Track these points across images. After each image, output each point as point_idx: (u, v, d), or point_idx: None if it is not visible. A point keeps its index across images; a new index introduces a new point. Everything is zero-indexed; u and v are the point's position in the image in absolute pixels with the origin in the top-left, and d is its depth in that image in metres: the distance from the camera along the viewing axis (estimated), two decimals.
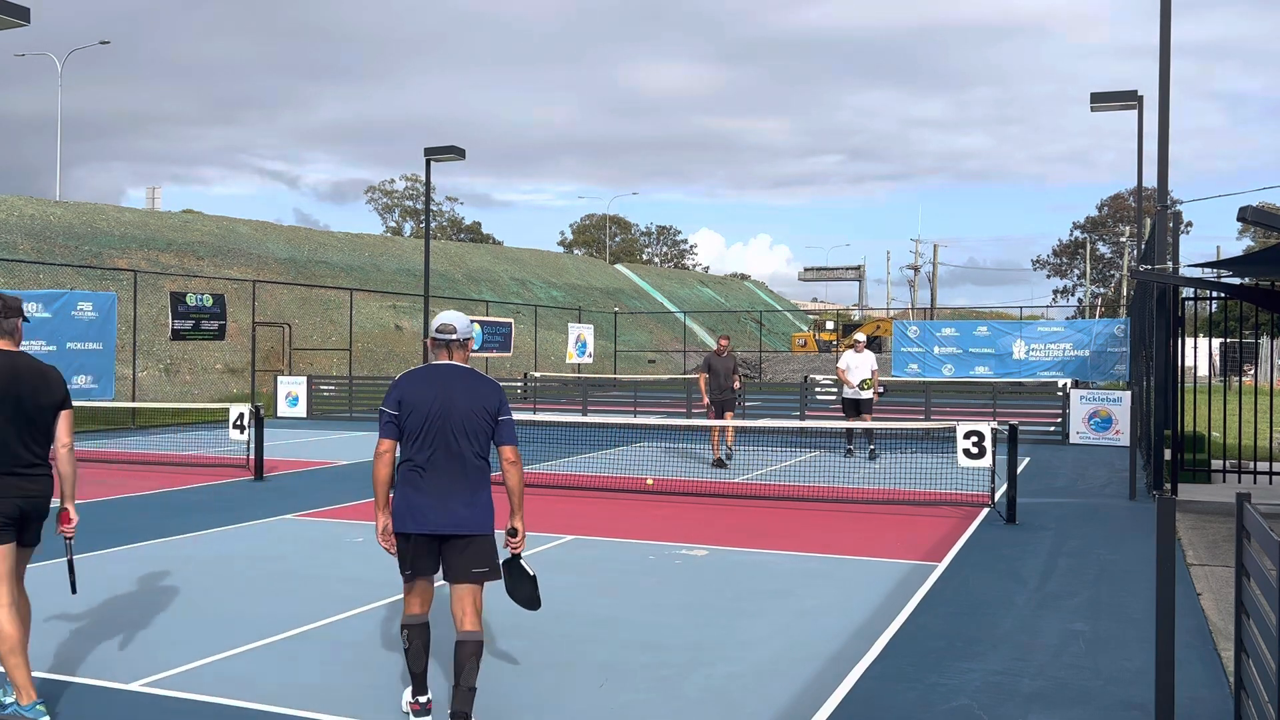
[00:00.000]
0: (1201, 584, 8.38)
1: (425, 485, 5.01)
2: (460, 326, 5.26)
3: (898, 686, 5.82)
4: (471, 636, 5.00)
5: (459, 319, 5.29)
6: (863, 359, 17.09)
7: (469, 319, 5.38)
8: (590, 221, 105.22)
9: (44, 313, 20.52)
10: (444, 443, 5.01)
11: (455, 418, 5.03)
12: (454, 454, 5.02)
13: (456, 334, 5.23)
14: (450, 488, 5.02)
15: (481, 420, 5.08)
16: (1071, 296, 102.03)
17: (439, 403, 5.04)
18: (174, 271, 35.48)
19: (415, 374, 5.16)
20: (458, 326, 5.25)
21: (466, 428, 5.04)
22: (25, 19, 15.26)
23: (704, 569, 8.80)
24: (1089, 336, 28.10)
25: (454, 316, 5.29)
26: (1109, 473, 16.01)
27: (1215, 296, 14.24)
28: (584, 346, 38.62)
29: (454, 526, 5.01)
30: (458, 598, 5.08)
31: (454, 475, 5.02)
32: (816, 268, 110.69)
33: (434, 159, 27.75)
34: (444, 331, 5.23)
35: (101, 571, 8.58)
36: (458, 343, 5.24)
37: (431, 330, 5.27)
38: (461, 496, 5.03)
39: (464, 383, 5.11)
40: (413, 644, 5.12)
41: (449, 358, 5.23)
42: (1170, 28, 13.10)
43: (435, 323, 5.27)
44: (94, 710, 5.37)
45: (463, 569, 5.05)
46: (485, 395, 5.12)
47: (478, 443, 5.08)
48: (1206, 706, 5.55)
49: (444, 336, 5.22)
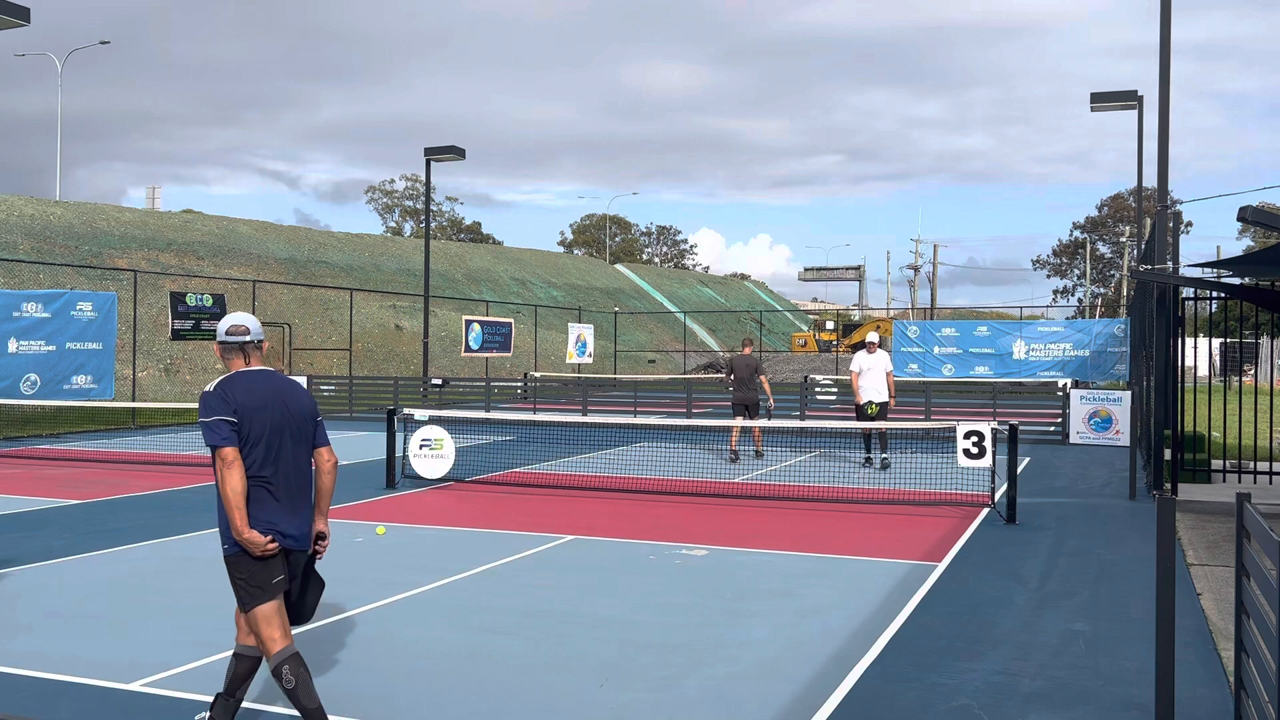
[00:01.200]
0: (1201, 584, 8.38)
1: (278, 498, 4.69)
2: (254, 327, 4.90)
3: (898, 686, 5.82)
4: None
5: (251, 320, 4.93)
6: (877, 360, 15.79)
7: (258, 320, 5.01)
8: (590, 221, 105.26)
9: (44, 313, 20.52)
10: (285, 453, 4.72)
11: (291, 425, 4.76)
12: (294, 463, 4.76)
13: (250, 335, 4.85)
14: (290, 502, 4.74)
15: (308, 426, 4.86)
16: (1071, 296, 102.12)
17: (275, 410, 4.72)
18: (174, 271, 35.49)
19: (233, 383, 4.71)
20: (251, 328, 4.87)
21: (300, 435, 4.80)
22: (25, 19, 15.27)
23: (704, 569, 8.80)
24: (1089, 336, 28.11)
25: (245, 318, 4.92)
26: (1109, 473, 16.01)
27: (1215, 296, 14.24)
28: (584, 346, 38.62)
29: (293, 542, 4.73)
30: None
31: (292, 488, 4.76)
32: (816, 268, 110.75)
33: (434, 159, 27.77)
34: (236, 333, 4.82)
35: (101, 571, 8.58)
36: (253, 345, 4.86)
37: (220, 333, 4.85)
38: (296, 510, 4.75)
39: (288, 388, 4.84)
40: (300, 676, 4.64)
41: (247, 362, 4.84)
42: (1170, 28, 13.11)
43: (224, 324, 4.86)
44: (94, 710, 5.37)
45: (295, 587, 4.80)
46: (305, 399, 4.88)
47: (305, 450, 4.85)
48: (1206, 706, 5.55)
49: (237, 339, 4.82)
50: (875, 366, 15.82)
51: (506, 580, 8.36)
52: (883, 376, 15.82)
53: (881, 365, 15.84)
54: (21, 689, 5.67)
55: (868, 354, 15.96)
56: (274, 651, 4.63)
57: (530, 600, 7.69)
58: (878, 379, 15.78)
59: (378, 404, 27.18)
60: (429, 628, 6.94)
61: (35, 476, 14.61)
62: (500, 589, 8.07)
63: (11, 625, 6.91)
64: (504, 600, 7.71)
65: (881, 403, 15.72)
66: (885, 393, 15.73)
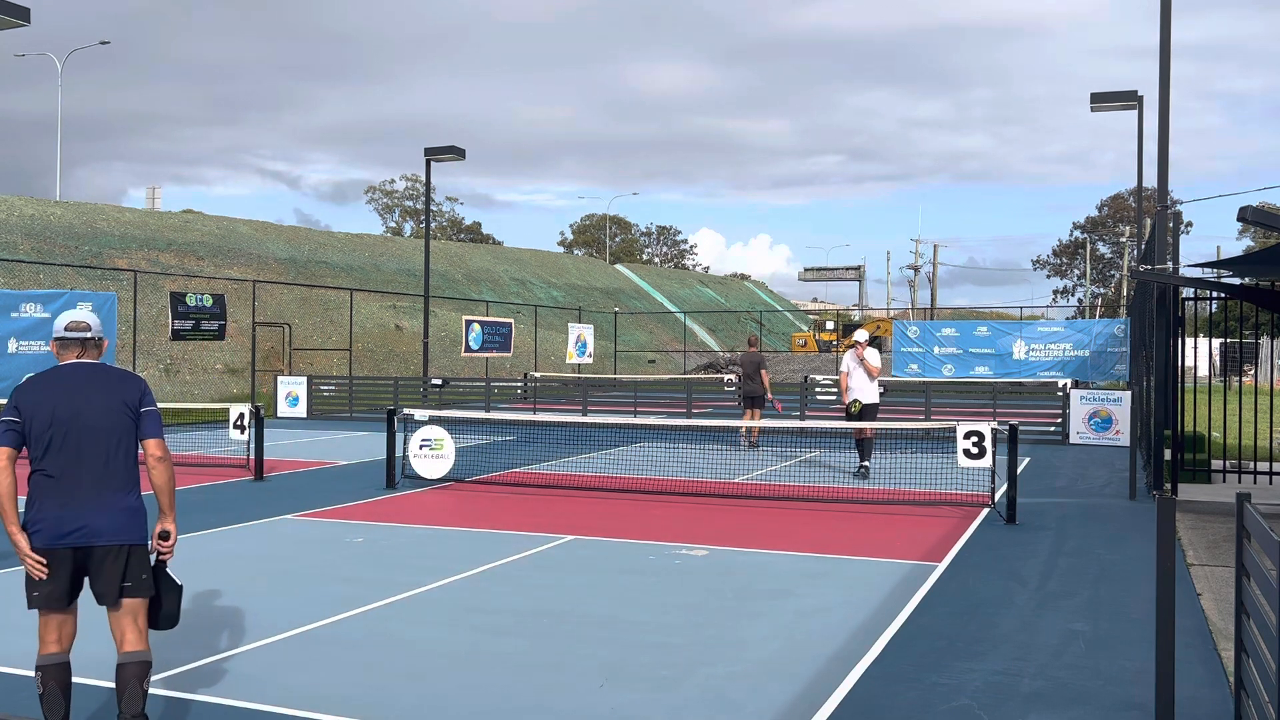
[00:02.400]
0: (1201, 584, 8.38)
1: (60, 494, 4.57)
2: (94, 324, 4.85)
3: (898, 686, 5.82)
4: (134, 658, 4.63)
5: (91, 316, 4.88)
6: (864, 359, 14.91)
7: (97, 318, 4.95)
8: (590, 221, 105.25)
9: (44, 313, 20.51)
10: (76, 446, 4.59)
11: (88, 417, 4.62)
12: (90, 457, 4.61)
13: (91, 331, 4.81)
14: (87, 495, 4.59)
15: (120, 416, 4.69)
16: (1071, 297, 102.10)
17: (66, 405, 4.62)
18: (174, 271, 35.48)
19: (36, 379, 4.74)
20: (91, 324, 4.83)
21: (103, 425, 4.64)
22: (25, 19, 15.27)
23: (704, 569, 8.80)
24: (1089, 337, 28.11)
25: (85, 314, 4.86)
26: (1109, 473, 16.01)
27: (1215, 296, 14.24)
28: (584, 346, 38.62)
29: (93, 537, 4.59)
30: (114, 619, 4.70)
31: (91, 481, 4.60)
32: (816, 268, 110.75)
33: (434, 159, 27.77)
34: (75, 329, 4.79)
35: None
36: (92, 341, 4.82)
37: (58, 329, 4.82)
38: (100, 502, 4.60)
39: (97, 380, 4.72)
40: (48, 687, 4.59)
41: (79, 357, 4.80)
42: (1170, 28, 13.10)
43: (62, 321, 4.82)
44: (95, 710, 5.37)
45: (110, 586, 4.64)
46: (122, 389, 4.74)
47: (119, 442, 4.68)
48: (1206, 706, 5.55)
49: (74, 335, 4.79)
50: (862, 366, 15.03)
51: (506, 580, 8.36)
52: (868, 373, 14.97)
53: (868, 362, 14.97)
54: (21, 689, 5.68)
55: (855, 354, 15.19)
56: (39, 653, 4.67)
57: (530, 600, 7.69)
58: (865, 378, 14.95)
59: (378, 404, 27.17)
60: (429, 628, 6.94)
61: None
62: (500, 589, 8.07)
63: (12, 625, 6.91)
64: (504, 600, 7.71)
65: (868, 404, 14.85)
66: (873, 394, 14.88)
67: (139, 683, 4.61)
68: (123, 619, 4.68)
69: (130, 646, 4.66)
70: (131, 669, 4.62)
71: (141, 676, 4.62)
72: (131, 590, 4.67)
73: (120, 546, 4.65)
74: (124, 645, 4.67)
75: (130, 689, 4.59)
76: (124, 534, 4.66)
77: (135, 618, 4.70)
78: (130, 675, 4.61)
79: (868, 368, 14.75)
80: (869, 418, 14.74)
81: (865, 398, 14.80)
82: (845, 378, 15.04)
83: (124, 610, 4.68)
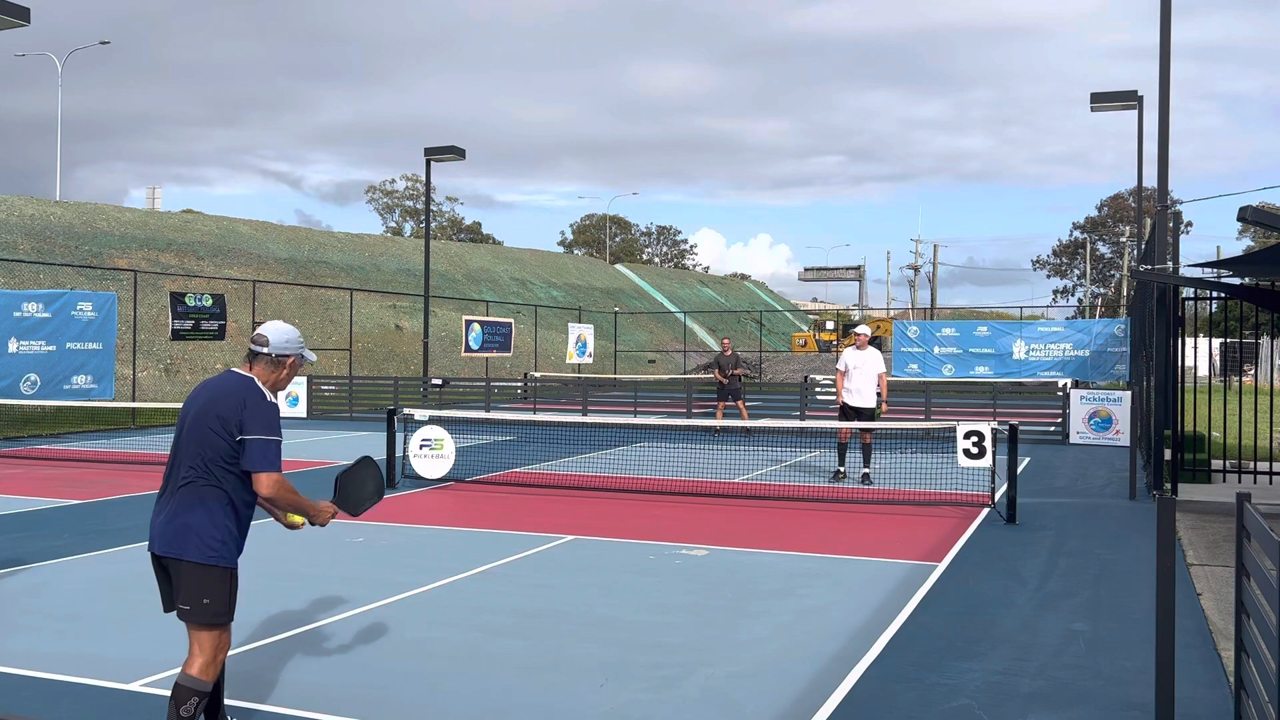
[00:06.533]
0: (1201, 584, 8.38)
1: (160, 500, 4.66)
2: (274, 340, 4.66)
3: (898, 686, 5.82)
4: (178, 679, 4.51)
5: (276, 332, 4.70)
6: (867, 358, 13.92)
7: (299, 338, 4.77)
8: (590, 221, 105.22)
9: (44, 313, 20.52)
10: (174, 455, 4.61)
11: (185, 428, 4.58)
12: (174, 466, 4.60)
13: (268, 347, 4.65)
14: (165, 503, 4.60)
15: (208, 432, 4.48)
16: (1071, 297, 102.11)
17: (189, 404, 4.64)
18: (174, 271, 35.48)
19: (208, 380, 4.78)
20: (270, 339, 4.66)
21: (190, 439, 4.54)
22: (25, 19, 15.27)
23: (704, 569, 8.80)
24: (1089, 336, 28.12)
25: (272, 328, 4.72)
26: (1109, 473, 16.01)
27: (1215, 296, 14.24)
28: (584, 346, 38.62)
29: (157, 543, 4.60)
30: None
31: (170, 490, 4.60)
32: (816, 268, 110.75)
33: (434, 159, 27.78)
34: (255, 342, 4.69)
35: (101, 571, 8.58)
36: (267, 357, 4.65)
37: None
38: (168, 512, 4.57)
39: (215, 392, 4.57)
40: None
41: (245, 368, 4.71)
42: (1170, 28, 13.10)
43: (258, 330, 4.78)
44: (94, 710, 5.37)
45: (170, 599, 4.64)
46: (225, 405, 4.48)
47: (199, 457, 4.50)
48: (1206, 706, 5.55)
49: (253, 347, 4.70)
50: (864, 365, 13.92)
51: (506, 580, 8.36)
52: (873, 379, 13.92)
53: (873, 365, 13.93)
54: (21, 689, 5.67)
55: (856, 350, 14.02)
56: None
57: (530, 600, 7.69)
58: (866, 381, 13.89)
59: (378, 404, 27.17)
60: (429, 628, 6.94)
61: (35, 476, 14.61)
62: (500, 589, 8.07)
63: (12, 625, 6.91)
64: (504, 600, 7.70)
65: (868, 407, 13.93)
66: (873, 397, 13.91)
67: (175, 705, 4.44)
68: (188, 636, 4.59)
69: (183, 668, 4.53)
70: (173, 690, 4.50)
71: (178, 699, 4.45)
72: (181, 612, 4.55)
73: (172, 560, 4.58)
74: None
75: (169, 709, 4.47)
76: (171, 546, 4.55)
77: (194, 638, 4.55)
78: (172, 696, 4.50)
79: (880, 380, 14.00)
80: (867, 419, 14.08)
81: (865, 403, 13.98)
82: (842, 377, 14.05)
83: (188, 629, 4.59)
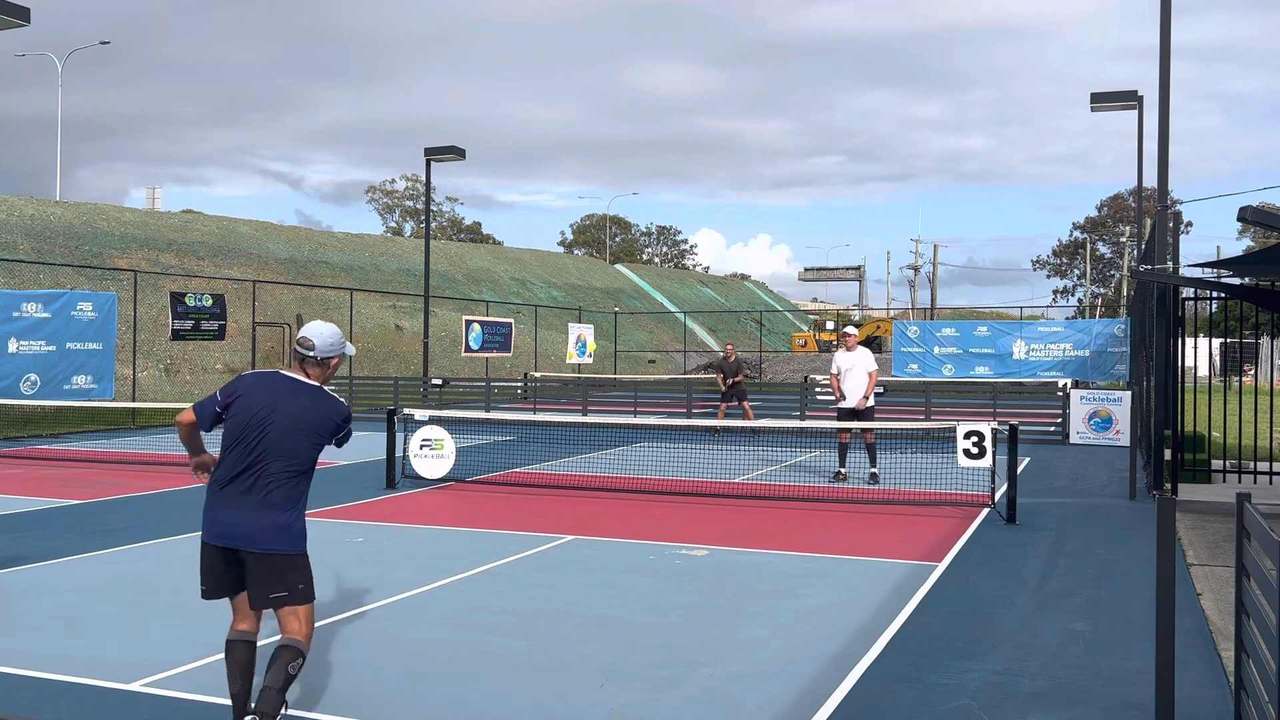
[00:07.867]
0: (1201, 584, 8.38)
1: (226, 495, 4.72)
2: (320, 344, 4.80)
3: (898, 686, 5.82)
4: (287, 642, 4.72)
5: (321, 335, 4.83)
6: (857, 359, 13.99)
7: (340, 337, 4.88)
8: (590, 221, 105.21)
9: (44, 313, 20.51)
10: (254, 456, 4.70)
11: (273, 433, 4.70)
12: (260, 469, 4.70)
13: (314, 351, 4.79)
14: (247, 501, 4.69)
15: (303, 444, 4.74)
16: (1071, 297, 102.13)
17: (264, 412, 4.71)
18: (174, 271, 35.48)
19: (256, 376, 4.86)
20: (316, 343, 4.79)
21: (279, 445, 4.69)
22: (25, 19, 15.27)
23: (704, 569, 8.80)
24: (1089, 336, 28.12)
25: (316, 331, 4.85)
26: (1109, 473, 16.01)
27: (1215, 296, 14.24)
28: (584, 346, 38.61)
29: (242, 541, 4.68)
30: (278, 617, 4.82)
31: (256, 489, 4.69)
32: (816, 268, 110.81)
33: (434, 159, 27.79)
34: (302, 345, 4.81)
35: (101, 571, 8.58)
36: (313, 360, 4.81)
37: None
38: (256, 510, 4.67)
39: (301, 398, 4.74)
40: (227, 660, 4.84)
41: (299, 373, 4.85)
42: (1170, 28, 13.11)
43: (300, 333, 4.90)
44: (94, 710, 5.37)
45: (258, 593, 4.74)
46: (317, 420, 4.76)
47: (291, 462, 4.73)
48: (1206, 706, 5.55)
49: (300, 351, 4.81)
50: (855, 367, 14.00)
51: (506, 580, 8.36)
52: (864, 378, 13.91)
53: (864, 365, 13.97)
54: (21, 689, 5.67)
55: (846, 352, 14.14)
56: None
57: (530, 600, 7.69)
58: (859, 382, 13.92)
59: (378, 404, 27.17)
60: (429, 628, 6.94)
61: (35, 476, 14.61)
62: (500, 589, 8.07)
63: (12, 625, 6.91)
64: (504, 600, 7.71)
65: (866, 407, 13.99)
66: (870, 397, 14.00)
67: (283, 664, 4.67)
68: (285, 619, 4.80)
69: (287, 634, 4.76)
70: (282, 652, 4.70)
71: (286, 660, 4.67)
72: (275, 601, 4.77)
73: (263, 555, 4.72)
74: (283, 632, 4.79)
75: (274, 667, 4.67)
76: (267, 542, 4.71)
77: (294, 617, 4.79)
78: (275, 656, 4.70)
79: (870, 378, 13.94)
80: (867, 419, 14.11)
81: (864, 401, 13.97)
82: (836, 379, 14.11)
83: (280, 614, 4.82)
